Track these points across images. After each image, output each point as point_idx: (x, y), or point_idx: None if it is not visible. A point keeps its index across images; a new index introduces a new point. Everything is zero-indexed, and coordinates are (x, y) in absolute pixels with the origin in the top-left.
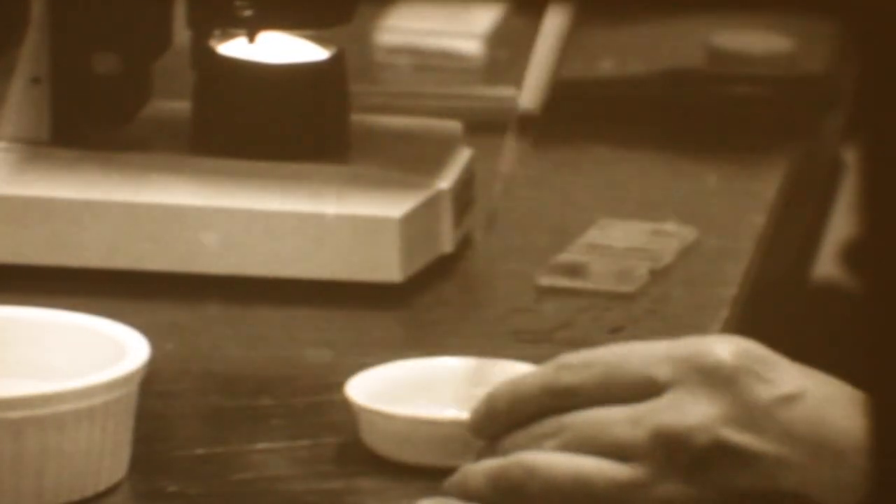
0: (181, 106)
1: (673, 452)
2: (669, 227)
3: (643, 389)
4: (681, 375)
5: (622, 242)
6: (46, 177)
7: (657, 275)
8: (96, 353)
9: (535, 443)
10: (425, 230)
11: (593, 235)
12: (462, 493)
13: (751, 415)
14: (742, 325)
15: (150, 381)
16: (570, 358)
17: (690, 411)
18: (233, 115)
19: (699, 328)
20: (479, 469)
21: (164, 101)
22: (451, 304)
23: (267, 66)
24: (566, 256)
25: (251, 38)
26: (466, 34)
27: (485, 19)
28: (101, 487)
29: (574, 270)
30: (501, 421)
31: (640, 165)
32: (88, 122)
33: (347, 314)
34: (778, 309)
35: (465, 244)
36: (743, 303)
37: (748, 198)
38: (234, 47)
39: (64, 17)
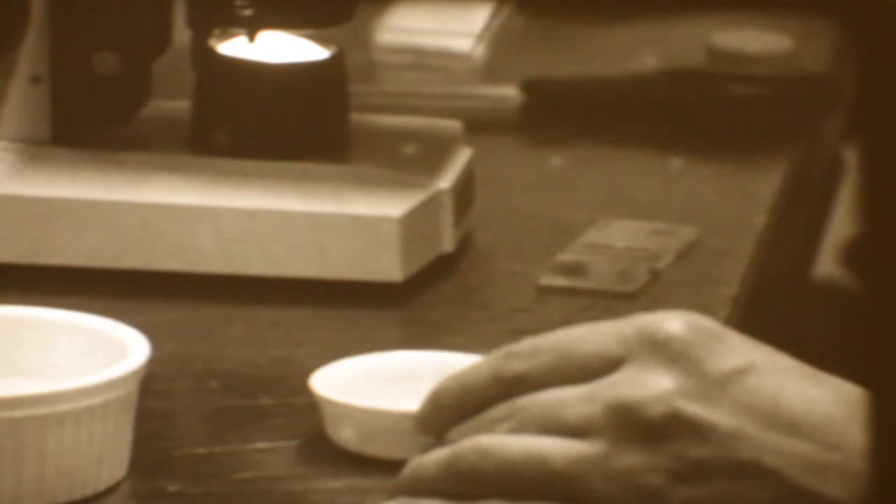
0: (181, 106)
1: (628, 425)
2: (669, 227)
3: (596, 369)
4: (633, 351)
5: (622, 242)
6: (46, 177)
7: (657, 275)
8: (96, 352)
9: (487, 429)
10: (425, 230)
11: (593, 235)
12: (415, 486)
13: (704, 387)
14: (742, 325)
15: (150, 381)
16: (519, 346)
17: (645, 384)
18: (233, 114)
19: None
20: (431, 458)
21: (164, 100)
22: (451, 304)
23: (267, 65)
24: (566, 256)
25: (251, 38)
26: (466, 34)
27: (484, 19)
28: (101, 487)
29: (574, 270)
30: (450, 414)
31: (640, 165)
32: (88, 122)
33: (347, 314)
34: (778, 309)
35: (464, 244)
36: (743, 303)
37: (748, 198)
38: (234, 47)
39: (64, 17)
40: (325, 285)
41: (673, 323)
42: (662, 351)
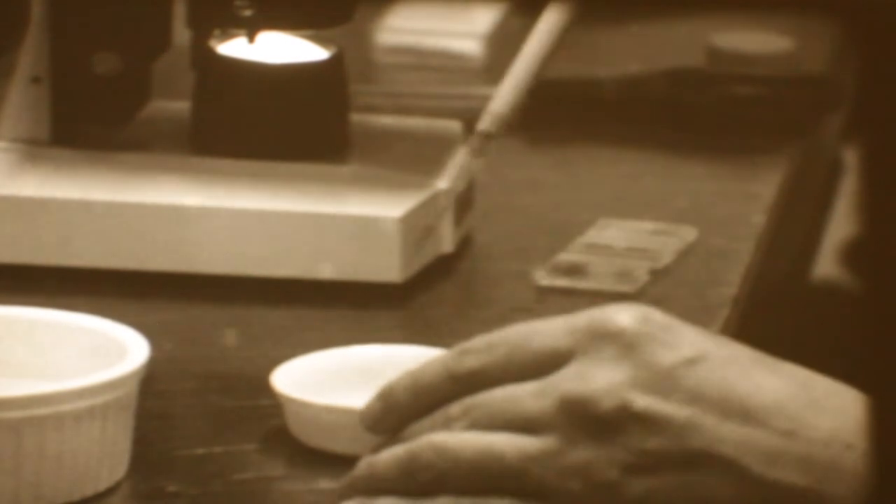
0: (181, 106)
1: (580, 419)
2: (669, 227)
3: (548, 364)
4: (584, 345)
5: (622, 242)
6: (46, 177)
7: (657, 275)
8: (96, 353)
9: (442, 427)
10: (425, 230)
11: (593, 235)
12: (369, 484)
13: (655, 378)
14: (742, 324)
15: (150, 381)
16: (472, 343)
17: (595, 377)
18: (233, 114)
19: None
20: (386, 457)
21: (164, 101)
22: (450, 304)
23: (267, 66)
24: (566, 256)
25: (251, 38)
26: (466, 34)
27: (485, 19)
28: (101, 487)
29: (574, 270)
30: (402, 413)
31: (640, 165)
32: (88, 122)
33: (347, 314)
34: (778, 309)
35: (464, 244)
36: (743, 303)
37: (748, 198)
38: (234, 47)
39: (64, 17)
40: (325, 285)
41: (622, 315)
42: (612, 344)
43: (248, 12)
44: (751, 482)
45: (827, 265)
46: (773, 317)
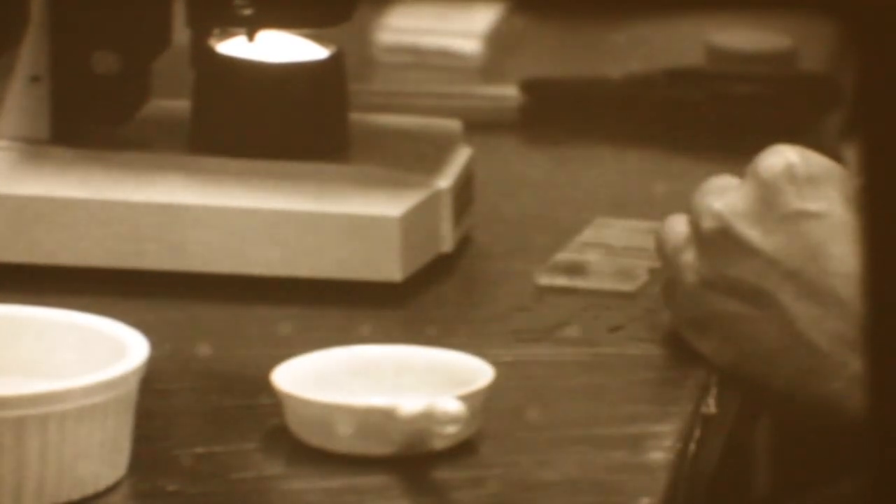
0: (181, 105)
1: (694, 227)
2: None
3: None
4: (752, 167)
5: (621, 242)
6: (46, 176)
7: (657, 274)
8: (96, 351)
9: None
10: (425, 229)
11: (592, 234)
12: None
13: (766, 215)
14: None
15: (150, 380)
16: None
17: (719, 199)
18: (232, 114)
19: None
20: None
21: (163, 100)
22: (450, 304)
23: (266, 65)
24: (566, 256)
25: (250, 37)
26: (466, 33)
27: (484, 19)
28: (101, 486)
29: (573, 270)
30: None
31: (640, 165)
32: (88, 122)
33: (347, 313)
34: None
35: (464, 244)
36: None
37: None
38: (234, 46)
39: (64, 17)
40: (325, 285)
41: (783, 156)
42: (758, 176)
43: (247, 11)
44: (795, 342)
45: None
46: None
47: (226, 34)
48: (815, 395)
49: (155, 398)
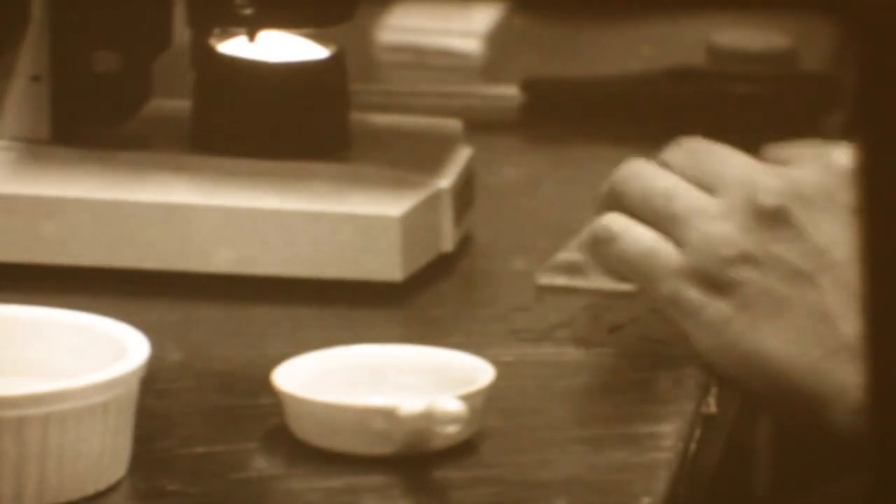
0: (181, 105)
1: (745, 201)
2: None
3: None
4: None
5: None
6: (46, 176)
7: None
8: (96, 351)
9: None
10: (425, 229)
11: None
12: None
13: (828, 204)
14: None
15: (150, 380)
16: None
17: (780, 177)
18: (232, 113)
19: None
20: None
21: (163, 99)
22: (451, 303)
23: (267, 64)
24: (566, 255)
25: (251, 37)
26: (466, 33)
27: (485, 18)
28: (102, 486)
29: (574, 269)
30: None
31: None
32: (88, 121)
33: (347, 313)
34: None
35: (465, 243)
36: None
37: None
38: (234, 46)
39: (64, 16)
40: (325, 285)
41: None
42: (834, 166)
43: (248, 11)
44: (823, 325)
45: None
46: None
47: (226, 34)
48: (834, 381)
49: (155, 398)
